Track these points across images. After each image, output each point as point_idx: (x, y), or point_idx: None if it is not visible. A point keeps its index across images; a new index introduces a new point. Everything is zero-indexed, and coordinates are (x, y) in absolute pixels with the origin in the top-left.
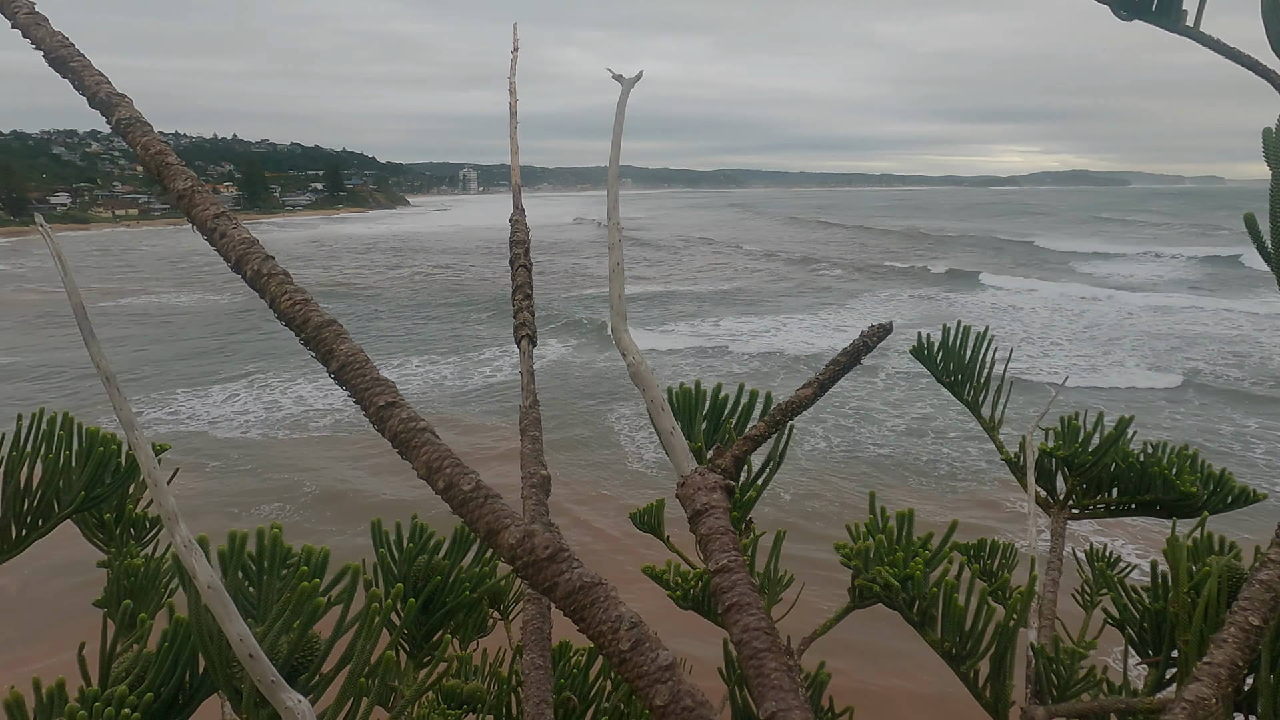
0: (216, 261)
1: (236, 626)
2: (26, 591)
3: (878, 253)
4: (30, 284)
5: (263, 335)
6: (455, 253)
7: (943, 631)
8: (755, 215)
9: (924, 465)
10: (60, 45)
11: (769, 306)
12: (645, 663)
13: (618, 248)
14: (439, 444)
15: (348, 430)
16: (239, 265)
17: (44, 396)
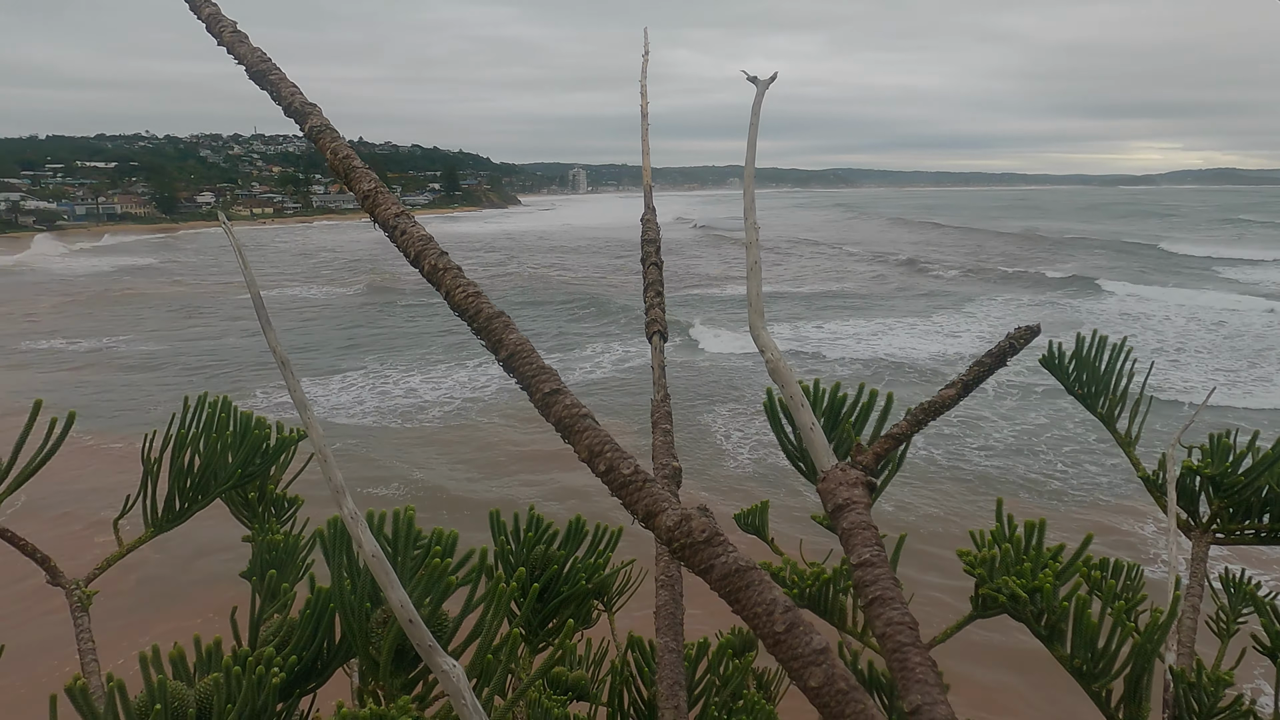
0: (339, 257)
1: (397, 593)
2: (181, 562)
3: (990, 256)
4: (176, 276)
5: (379, 330)
6: (560, 251)
7: (1073, 647)
8: (861, 216)
9: (1033, 480)
10: (260, 60)
11: (874, 310)
12: (800, 645)
13: (755, 246)
14: (600, 430)
15: (454, 421)
16: (417, 260)
17: (190, 380)
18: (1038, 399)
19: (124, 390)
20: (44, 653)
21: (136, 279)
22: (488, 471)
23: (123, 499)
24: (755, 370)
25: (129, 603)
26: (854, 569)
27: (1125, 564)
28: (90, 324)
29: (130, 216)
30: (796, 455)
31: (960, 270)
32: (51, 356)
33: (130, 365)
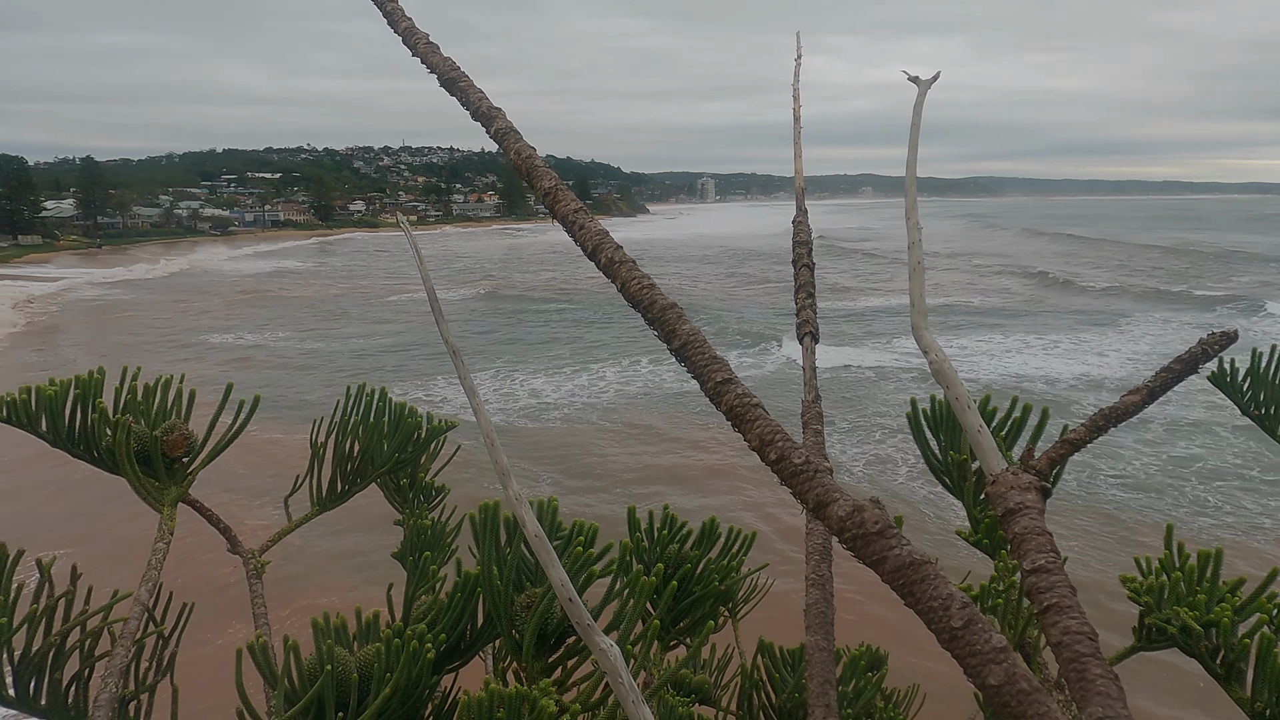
0: (476, 265)
1: (557, 572)
2: (332, 539)
3: (1134, 270)
4: (327, 280)
5: (508, 340)
6: (685, 261)
7: (1254, 689)
8: (992, 227)
9: (1179, 513)
10: (450, 69)
11: (1010, 326)
12: (978, 642)
13: (917, 246)
14: (770, 420)
15: (577, 422)
16: (594, 254)
17: (340, 375)
18: (1189, 426)
19: (282, 383)
20: (216, 615)
21: (294, 281)
22: (604, 480)
23: (279, 483)
24: (846, 382)
25: (288, 573)
26: (1027, 575)
27: None
28: (253, 320)
29: (291, 223)
30: (941, 469)
31: (1098, 286)
32: (223, 349)
33: (287, 360)
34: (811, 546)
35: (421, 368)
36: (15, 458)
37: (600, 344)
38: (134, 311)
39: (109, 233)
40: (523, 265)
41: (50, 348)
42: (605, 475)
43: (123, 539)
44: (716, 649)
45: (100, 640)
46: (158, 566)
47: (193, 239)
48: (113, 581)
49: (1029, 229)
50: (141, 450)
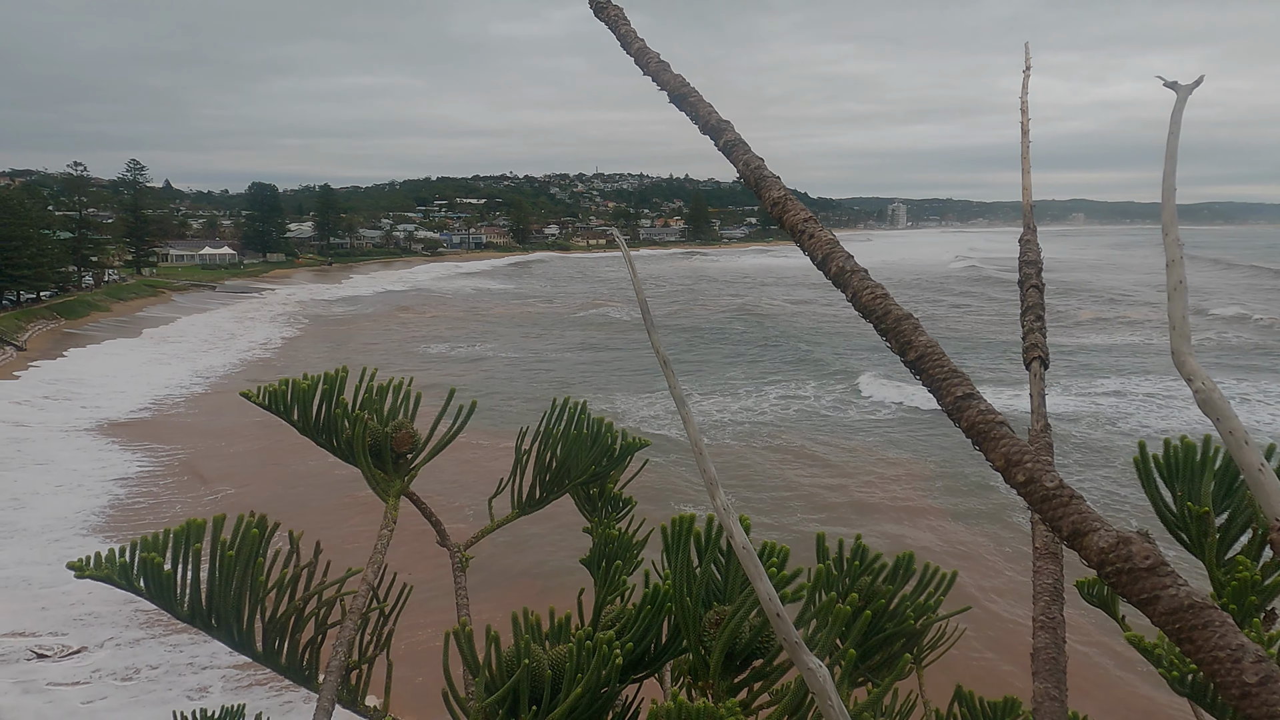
0: (661, 289)
1: (765, 585)
2: (524, 544)
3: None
4: (528, 299)
5: (686, 355)
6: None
7: None
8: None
9: None
10: (680, 85)
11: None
12: (1278, 702)
13: (1178, 264)
14: (1016, 438)
15: (743, 440)
16: (824, 264)
17: (536, 388)
18: None
19: (484, 390)
20: (422, 601)
21: (497, 300)
22: (773, 504)
23: (481, 488)
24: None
25: (480, 572)
26: None
27: None
28: (462, 334)
29: (492, 245)
30: (1177, 524)
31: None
32: (439, 360)
33: (490, 372)
34: (1040, 586)
35: (611, 380)
36: (282, 444)
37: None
38: (363, 324)
39: (339, 252)
40: (704, 297)
41: (297, 353)
42: (781, 490)
43: (358, 525)
44: (898, 695)
45: (332, 612)
46: (383, 550)
47: (408, 258)
48: (348, 561)
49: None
50: (374, 444)
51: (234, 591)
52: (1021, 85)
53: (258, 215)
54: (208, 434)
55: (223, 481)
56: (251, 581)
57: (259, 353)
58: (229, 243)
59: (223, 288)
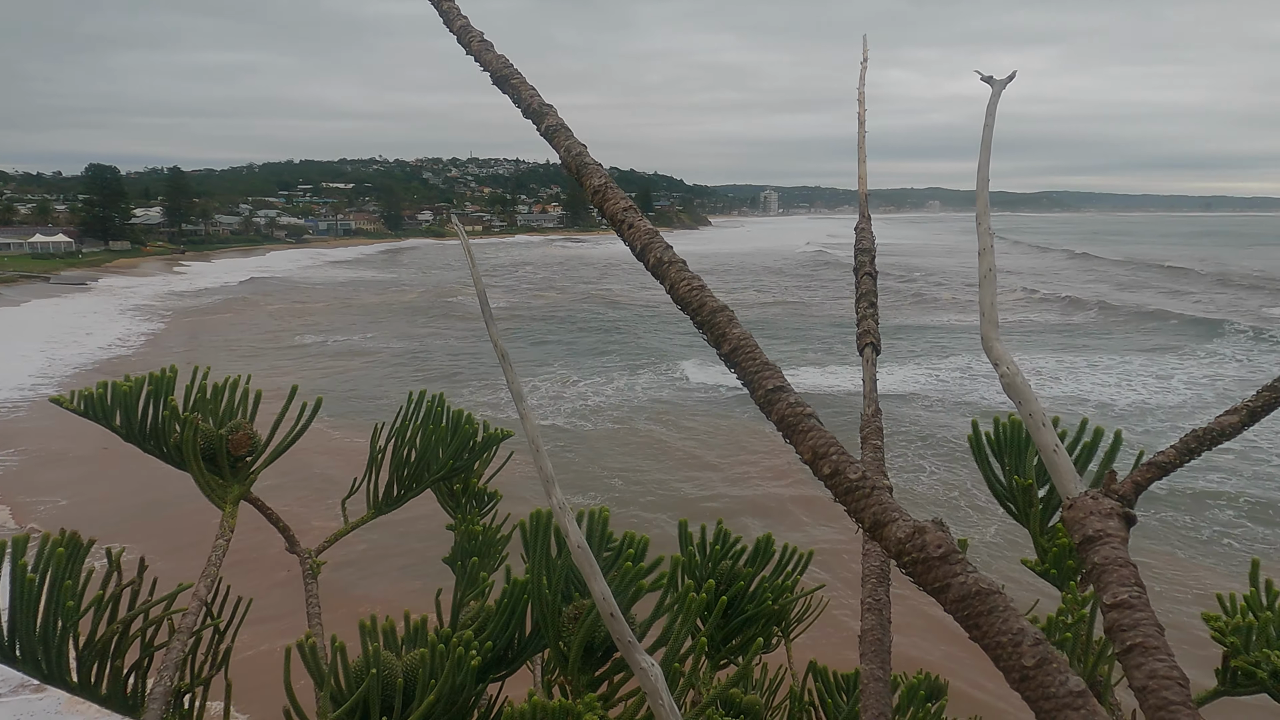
0: (538, 274)
1: (600, 585)
2: (388, 543)
3: (1103, 289)
4: (408, 287)
5: (557, 339)
6: (720, 272)
7: None
8: (1011, 242)
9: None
10: (504, 66)
11: None
12: (1053, 684)
13: (989, 253)
14: (824, 431)
15: (624, 425)
16: (643, 253)
17: (412, 377)
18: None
19: (360, 382)
20: (272, 613)
21: (372, 288)
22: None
23: (345, 484)
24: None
25: (344, 575)
26: (1107, 610)
27: None
28: (338, 325)
29: (362, 232)
30: (1006, 495)
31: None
32: (315, 352)
33: (372, 362)
34: (868, 569)
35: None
36: (96, 452)
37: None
38: (229, 316)
39: (192, 239)
40: (575, 278)
41: (159, 349)
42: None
43: (191, 535)
44: (769, 669)
45: (160, 633)
46: (217, 563)
47: (271, 245)
48: (180, 576)
49: (1040, 246)
50: (208, 448)
51: (40, 618)
52: (859, 77)
53: (97, 200)
54: (50, 437)
55: (56, 492)
56: (60, 605)
57: (118, 350)
58: (64, 230)
59: (59, 279)
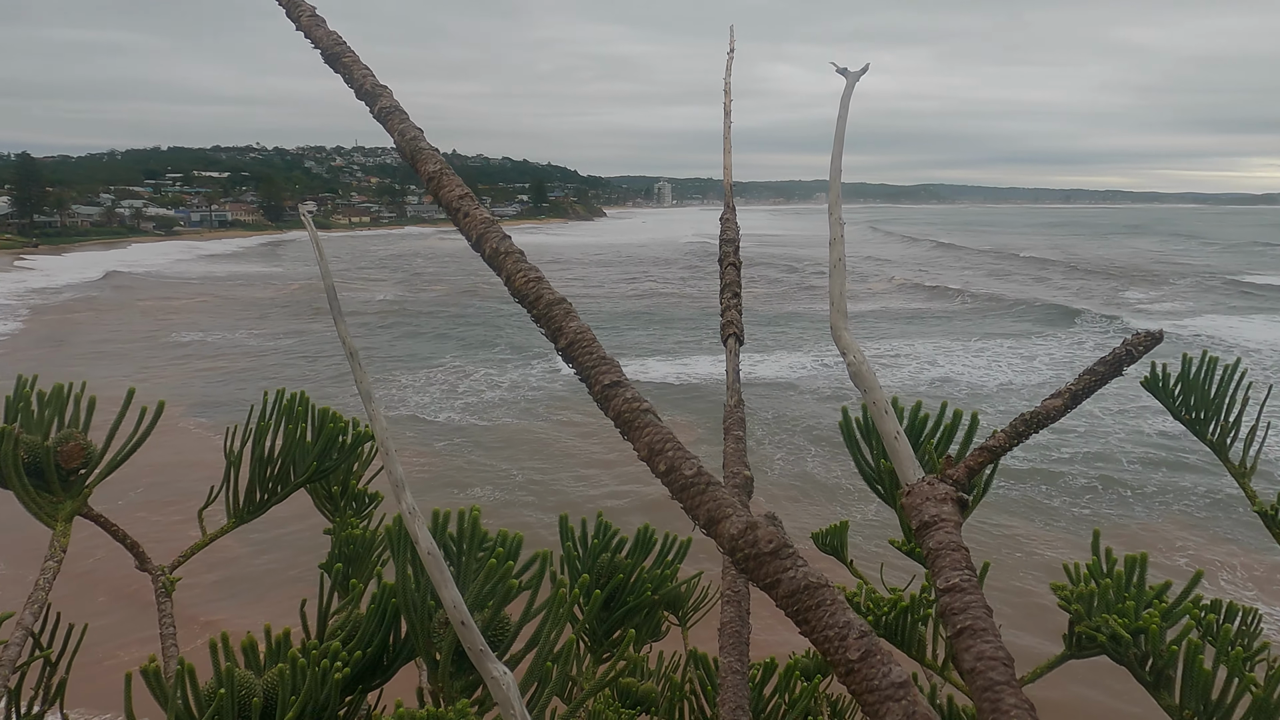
0: (429, 266)
1: (450, 593)
2: (266, 553)
3: (947, 277)
4: (295, 281)
5: (451, 333)
6: (600, 265)
7: (1182, 697)
8: (882, 233)
9: (1106, 515)
10: (335, 43)
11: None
12: (876, 676)
13: (839, 243)
14: (662, 426)
15: (525, 421)
16: (479, 243)
17: (294, 376)
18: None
19: (245, 382)
20: (127, 635)
21: (255, 282)
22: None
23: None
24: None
25: (215, 590)
26: (940, 594)
27: (1241, 607)
28: (220, 322)
29: (239, 223)
30: (874, 477)
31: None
32: (195, 351)
33: (260, 360)
34: (728, 561)
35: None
36: None
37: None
38: (95, 314)
39: (46, 231)
40: (473, 267)
41: (18, 352)
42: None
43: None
44: (664, 658)
45: None
46: (46, 587)
47: (138, 238)
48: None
49: (908, 235)
50: (33, 461)
51: None
52: (725, 67)
53: None
54: None
55: None
56: None
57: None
58: None
59: None
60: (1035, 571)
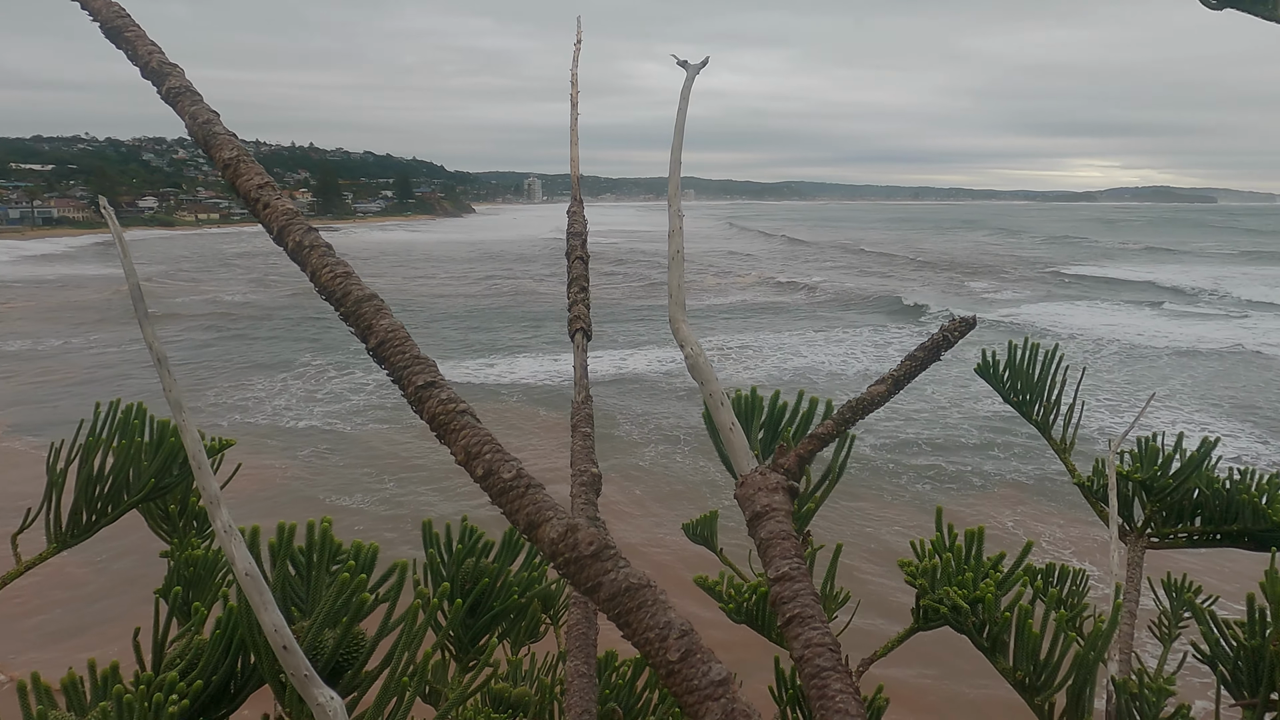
0: (287, 265)
1: (272, 616)
2: (97, 577)
3: (782, 270)
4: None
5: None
6: (460, 263)
7: (1015, 659)
8: (738, 229)
9: (947, 484)
10: (116, 16)
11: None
12: (696, 676)
13: (678, 235)
14: (479, 428)
15: (394, 423)
16: (281, 237)
17: (126, 384)
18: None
19: (82, 393)
20: None
21: (92, 285)
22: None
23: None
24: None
25: (37, 630)
26: (772, 584)
27: (1070, 570)
28: (58, 327)
29: (68, 221)
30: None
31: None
32: (25, 356)
33: (82, 368)
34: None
35: (237, 366)
36: None
37: None
38: None
39: None
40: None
41: None
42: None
43: None
44: (536, 660)
45: None
46: None
47: None
48: None
49: (761, 231)
50: None
51: None
52: (573, 59)
53: None
54: None
55: None
56: None
57: None
58: None
59: None
60: (888, 548)
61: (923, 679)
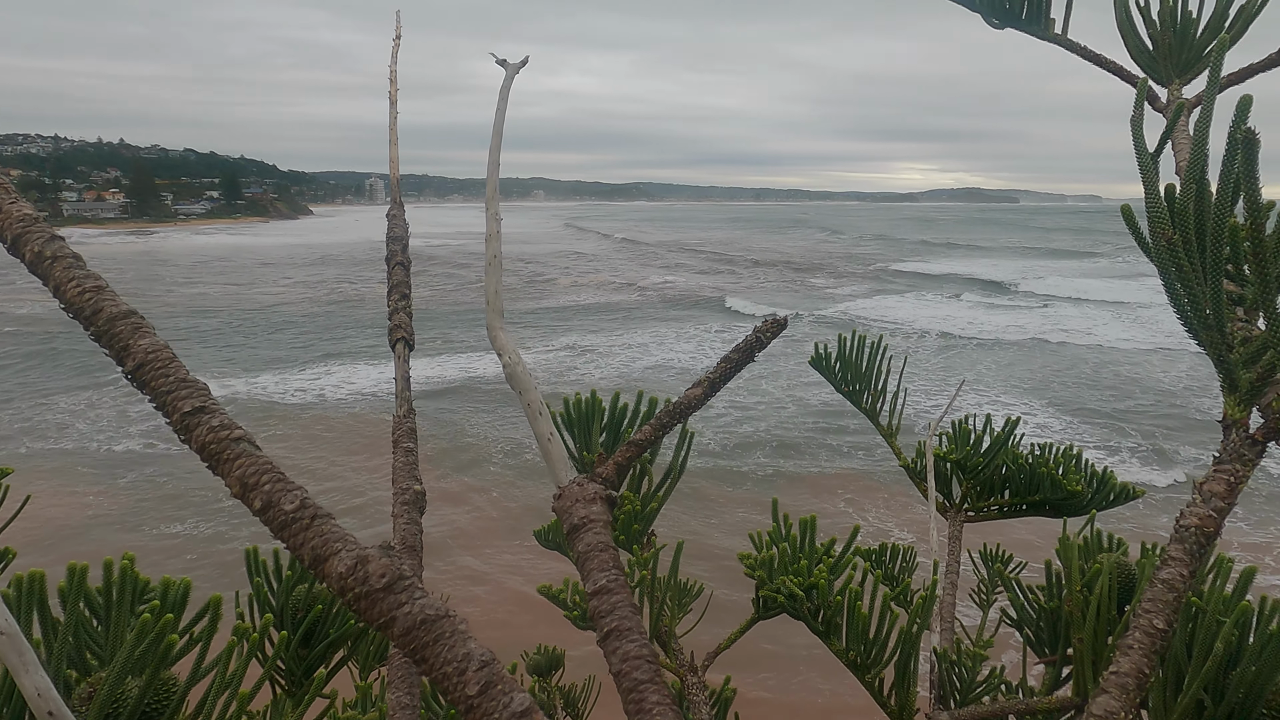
0: (106, 276)
1: (33, 679)
2: None
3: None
4: None
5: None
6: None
7: (847, 640)
8: (578, 230)
9: (789, 471)
10: None
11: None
12: (496, 709)
13: (496, 239)
14: (257, 455)
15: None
16: (16, 246)
17: None
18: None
19: None
20: None
21: None
22: None
23: None
24: None
25: None
26: (590, 597)
27: (901, 548)
28: None
29: None
30: (579, 467)
31: None
32: None
33: None
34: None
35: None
36: None
37: None
38: None
39: None
40: (161, 275)
41: None
42: None
43: None
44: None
45: None
46: None
47: None
48: None
49: (595, 230)
50: None
51: None
52: (391, 55)
53: None
54: None
55: None
56: None
57: None
58: None
59: None
60: (732, 536)
61: (772, 657)
